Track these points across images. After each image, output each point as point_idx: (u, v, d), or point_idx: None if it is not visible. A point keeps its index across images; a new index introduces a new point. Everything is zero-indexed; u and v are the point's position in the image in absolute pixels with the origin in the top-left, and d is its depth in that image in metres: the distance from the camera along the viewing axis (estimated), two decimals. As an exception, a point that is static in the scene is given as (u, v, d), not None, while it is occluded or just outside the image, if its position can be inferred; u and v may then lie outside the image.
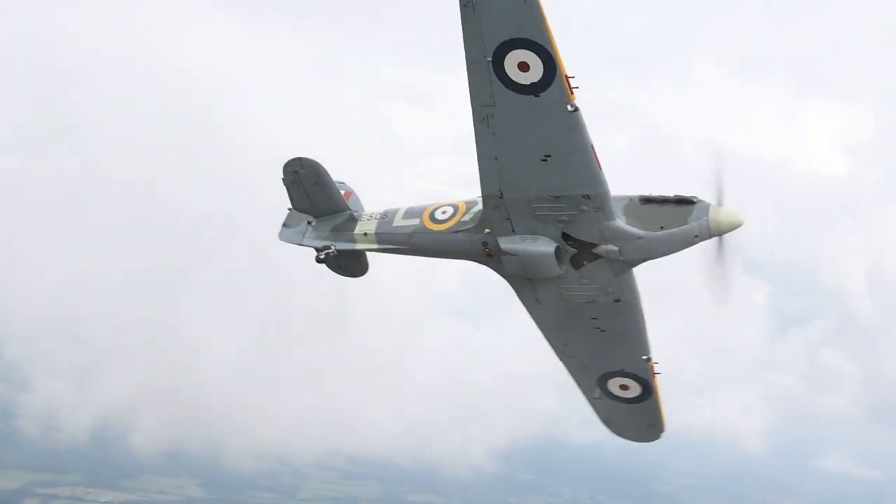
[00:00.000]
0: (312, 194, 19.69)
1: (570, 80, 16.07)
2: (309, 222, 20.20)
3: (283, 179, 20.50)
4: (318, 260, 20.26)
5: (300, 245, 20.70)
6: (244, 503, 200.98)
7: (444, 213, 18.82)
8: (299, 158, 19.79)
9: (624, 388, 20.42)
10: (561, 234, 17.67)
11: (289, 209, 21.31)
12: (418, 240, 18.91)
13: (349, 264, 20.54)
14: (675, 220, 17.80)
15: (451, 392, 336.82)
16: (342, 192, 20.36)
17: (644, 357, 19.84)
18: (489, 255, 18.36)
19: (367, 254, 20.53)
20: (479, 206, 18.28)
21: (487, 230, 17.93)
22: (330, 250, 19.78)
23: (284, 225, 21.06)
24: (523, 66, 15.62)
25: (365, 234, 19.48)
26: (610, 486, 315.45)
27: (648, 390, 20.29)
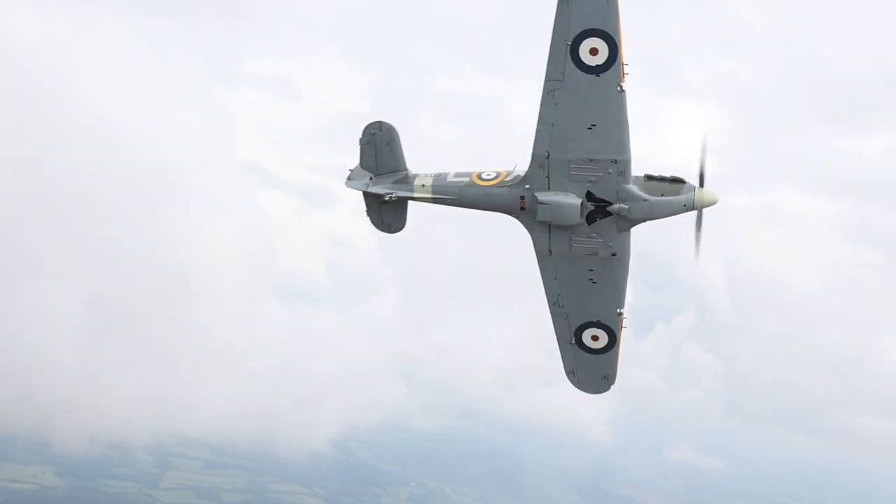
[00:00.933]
0: (381, 154, 22.77)
1: (624, 66, 19.83)
2: (371, 178, 23.20)
3: (359, 139, 23.26)
4: (383, 202, 23.32)
5: (366, 191, 23.45)
6: (103, 492, 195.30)
7: (488, 175, 22.87)
8: (379, 122, 23.01)
9: (595, 338, 23.46)
10: (585, 193, 21.67)
11: (350, 169, 24.27)
12: (468, 192, 22.75)
13: (392, 219, 23.75)
14: (671, 192, 21.99)
15: (292, 378, 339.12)
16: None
17: (618, 311, 23.04)
18: (522, 209, 22.38)
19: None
20: (518, 172, 22.58)
21: (527, 186, 21.99)
22: (392, 195, 22.98)
23: (349, 178, 23.92)
24: (593, 51, 19.69)
25: (423, 185, 22.97)
26: (473, 478, 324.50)
27: (613, 342, 23.33)
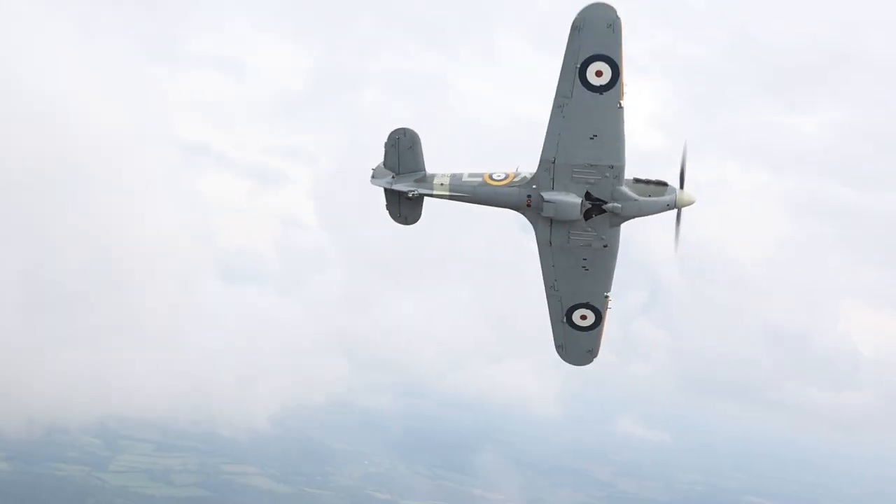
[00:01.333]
0: (403, 156, 25.44)
1: (624, 86, 22.36)
2: (393, 176, 25.82)
3: (385, 143, 25.88)
4: (407, 198, 26.10)
5: (389, 188, 26.13)
6: (51, 476, 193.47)
7: (498, 176, 25.68)
8: (403, 129, 25.68)
9: (583, 318, 26.35)
10: (585, 193, 24.45)
11: (373, 168, 26.93)
12: (481, 190, 25.44)
13: (409, 213, 26.39)
14: (657, 193, 25.00)
15: (234, 357, 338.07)
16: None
17: (605, 294, 26.08)
18: (528, 206, 25.15)
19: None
20: (524, 174, 25.38)
21: (534, 186, 24.76)
22: (414, 192, 25.76)
23: (373, 176, 26.53)
24: (598, 73, 22.49)
25: (441, 184, 25.66)
26: (426, 456, 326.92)
27: (599, 321, 26.38)
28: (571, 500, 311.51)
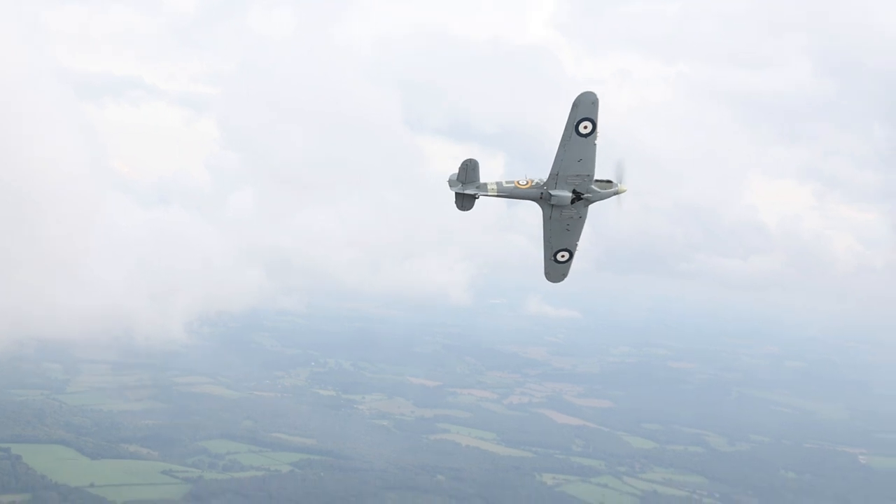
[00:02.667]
0: (469, 174, 39.18)
1: (597, 132, 37.14)
2: (461, 184, 39.25)
3: (461, 165, 39.26)
4: (476, 197, 39.62)
5: (462, 192, 39.38)
6: (15, 402, 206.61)
7: (523, 181, 39.41)
8: (471, 158, 39.29)
9: (562, 256, 41.40)
10: (572, 190, 39.03)
11: (448, 178, 40.11)
12: (516, 191, 39.71)
13: (468, 204, 39.96)
14: (608, 187, 39.45)
15: (149, 274, 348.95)
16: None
17: (576, 243, 41.17)
18: (541, 197, 39.55)
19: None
20: (537, 180, 39.50)
21: (545, 187, 39.25)
22: (478, 194, 39.44)
23: (450, 182, 39.58)
24: (585, 127, 36.88)
25: (492, 189, 39.54)
26: (370, 352, 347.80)
27: (571, 257, 41.47)
28: (509, 380, 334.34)
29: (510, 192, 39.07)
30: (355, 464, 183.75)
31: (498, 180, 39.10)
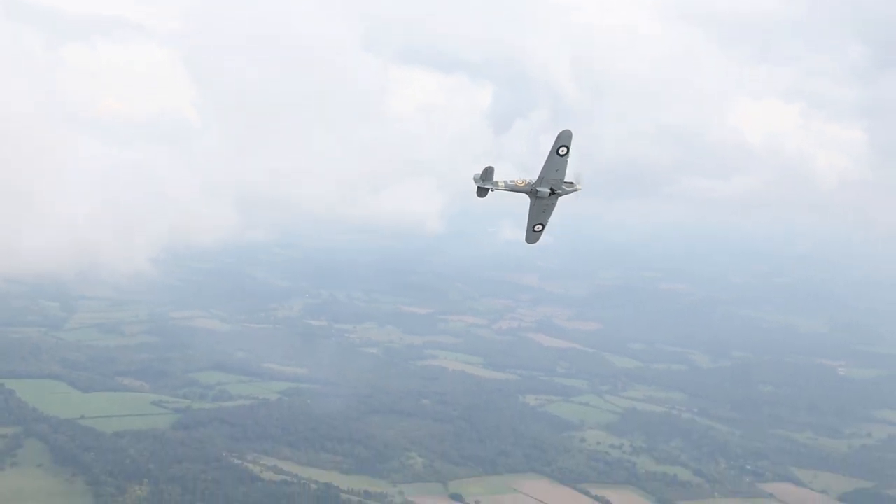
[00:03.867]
0: (486, 175, 49.77)
1: (569, 154, 48.76)
2: (482, 181, 50.09)
3: (483, 169, 49.94)
4: (491, 190, 50.17)
5: (483, 187, 49.90)
6: (10, 339, 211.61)
7: (522, 180, 50.47)
8: (491, 166, 49.97)
9: (538, 228, 53.07)
10: (550, 187, 50.20)
11: (473, 177, 50.80)
12: (517, 187, 50.84)
13: (483, 194, 50.47)
14: (571, 186, 50.45)
15: (115, 210, 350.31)
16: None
17: (548, 219, 52.60)
18: (530, 192, 50.48)
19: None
20: (530, 179, 50.47)
21: (534, 185, 50.24)
22: (492, 188, 50.07)
23: (474, 179, 50.48)
24: (562, 151, 48.68)
25: (501, 186, 50.36)
26: (362, 283, 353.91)
27: (543, 229, 53.23)
28: (500, 306, 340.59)
29: (512, 188, 52.37)
30: (341, 390, 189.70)
31: (505, 179, 52.35)
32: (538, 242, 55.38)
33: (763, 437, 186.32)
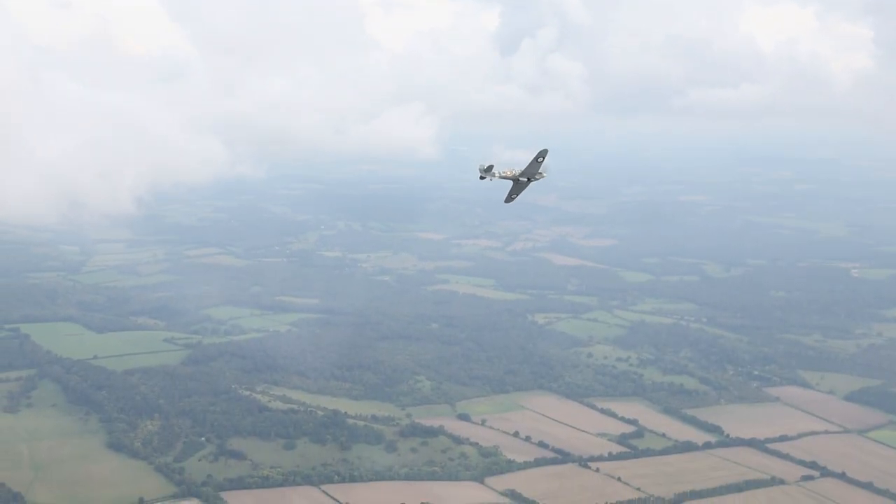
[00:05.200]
0: (488, 169, 65.72)
1: (545, 160, 68.15)
2: (486, 172, 65.97)
3: (488, 166, 66.33)
4: (490, 179, 67.00)
5: (483, 176, 66.38)
6: (27, 285, 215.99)
7: (513, 170, 67.13)
8: (491, 164, 66.77)
9: (513, 197, 69.39)
10: (528, 177, 67.77)
11: (479, 167, 67.22)
12: (507, 177, 67.45)
13: (483, 179, 67.67)
14: (541, 175, 67.74)
15: (97, 152, 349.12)
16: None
17: (522, 192, 70.36)
18: (515, 180, 67.61)
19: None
20: (517, 170, 67.93)
21: (519, 175, 67.75)
22: (492, 178, 66.50)
23: (479, 168, 66.28)
24: (540, 159, 66.69)
25: (499, 176, 66.81)
26: (376, 213, 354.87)
27: (516, 197, 69.73)
28: (517, 227, 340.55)
29: (504, 177, 66.86)
30: (351, 318, 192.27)
31: (498, 171, 66.74)
32: (549, 174, 68.28)
33: (772, 342, 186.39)
